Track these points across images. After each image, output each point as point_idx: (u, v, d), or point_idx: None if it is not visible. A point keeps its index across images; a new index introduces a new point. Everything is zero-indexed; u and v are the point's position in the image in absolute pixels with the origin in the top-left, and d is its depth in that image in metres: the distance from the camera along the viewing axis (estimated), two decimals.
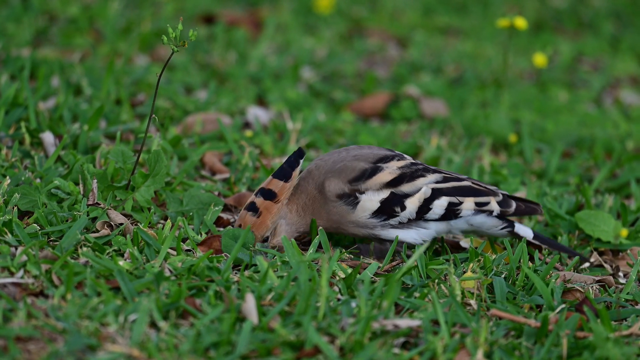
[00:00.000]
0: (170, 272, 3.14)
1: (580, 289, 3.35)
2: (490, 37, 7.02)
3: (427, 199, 3.45)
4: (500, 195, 3.53)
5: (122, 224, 3.40)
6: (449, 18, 7.43)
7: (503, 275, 3.35)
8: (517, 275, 3.36)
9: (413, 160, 3.51)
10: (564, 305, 3.15)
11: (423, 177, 3.47)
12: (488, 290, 3.27)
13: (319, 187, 3.42)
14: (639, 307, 3.33)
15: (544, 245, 3.62)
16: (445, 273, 3.26)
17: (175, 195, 3.64)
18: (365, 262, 3.44)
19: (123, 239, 3.28)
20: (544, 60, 5.23)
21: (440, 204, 3.46)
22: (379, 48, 6.44)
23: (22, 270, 3.03)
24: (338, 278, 3.20)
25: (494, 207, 3.51)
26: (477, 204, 3.49)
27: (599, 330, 2.91)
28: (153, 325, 2.90)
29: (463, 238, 3.72)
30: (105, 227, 3.41)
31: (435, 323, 3.01)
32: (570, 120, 5.36)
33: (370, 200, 3.42)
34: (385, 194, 3.43)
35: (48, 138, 3.94)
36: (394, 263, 3.42)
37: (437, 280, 3.23)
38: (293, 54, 5.90)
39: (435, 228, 3.49)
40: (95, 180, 3.55)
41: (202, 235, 3.48)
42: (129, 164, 3.61)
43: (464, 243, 3.70)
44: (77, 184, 3.60)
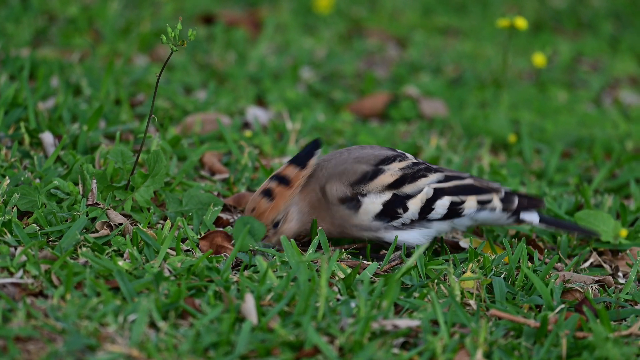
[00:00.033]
0: (170, 272, 3.14)
1: (580, 289, 3.35)
2: (490, 37, 7.02)
3: (429, 200, 3.45)
4: (503, 192, 3.53)
5: (121, 224, 3.40)
6: (449, 18, 7.43)
7: (502, 276, 3.35)
8: (516, 276, 3.36)
9: (415, 160, 3.51)
10: (564, 306, 3.15)
11: (425, 177, 3.47)
12: (487, 291, 3.27)
13: (322, 190, 3.42)
14: (639, 307, 3.33)
15: (551, 228, 3.62)
16: (445, 273, 3.26)
17: (175, 196, 3.64)
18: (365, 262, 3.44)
19: (122, 239, 3.28)
20: (544, 61, 5.23)
21: (443, 204, 3.46)
22: (379, 48, 6.44)
23: (21, 271, 3.03)
24: (337, 278, 3.20)
25: (497, 204, 3.51)
26: (479, 202, 3.49)
27: (599, 331, 2.91)
28: (152, 326, 2.90)
29: (463, 238, 3.72)
30: (105, 227, 3.41)
31: (435, 323, 3.01)
32: (570, 121, 5.36)
33: (373, 203, 3.42)
34: (388, 196, 3.43)
35: (47, 138, 3.94)
36: (394, 263, 3.42)
37: (436, 281, 3.23)
38: (292, 54, 5.90)
39: (439, 227, 3.49)
40: (95, 181, 3.55)
41: (201, 236, 3.48)
42: (129, 164, 3.61)
43: (464, 243, 3.70)
44: (76, 184, 3.60)
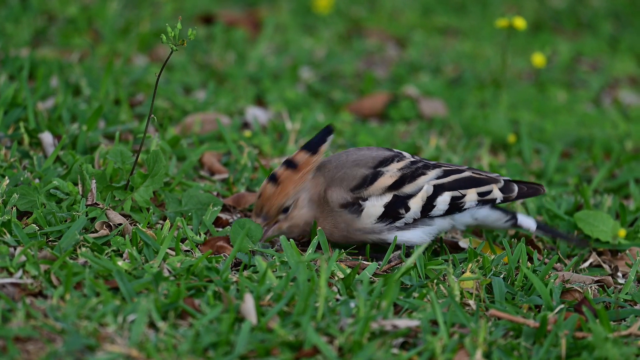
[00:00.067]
0: (169, 272, 3.14)
1: (579, 289, 3.35)
2: (489, 37, 7.02)
3: (429, 197, 3.45)
4: (502, 181, 3.53)
5: (121, 224, 3.40)
6: (448, 18, 7.42)
7: (502, 276, 3.35)
8: (516, 276, 3.36)
9: (412, 158, 3.51)
10: (563, 306, 3.15)
11: (424, 175, 3.47)
12: (487, 291, 3.27)
13: (324, 195, 3.42)
14: (638, 307, 3.33)
15: (548, 235, 3.63)
16: (444, 273, 3.26)
17: (174, 196, 3.64)
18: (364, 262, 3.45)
19: (122, 239, 3.28)
20: (543, 61, 5.23)
21: (444, 200, 3.47)
22: (378, 48, 6.44)
23: (21, 271, 3.03)
24: (337, 278, 3.20)
25: (497, 194, 3.51)
26: (479, 194, 3.49)
27: (598, 331, 2.91)
28: (152, 326, 2.90)
29: (462, 238, 3.72)
30: (104, 227, 3.41)
31: (434, 323, 3.01)
32: (569, 121, 5.36)
33: (374, 206, 3.43)
34: (388, 198, 3.43)
35: (47, 138, 3.94)
36: (393, 263, 3.42)
37: (436, 281, 3.23)
38: (292, 54, 5.90)
39: (440, 224, 3.50)
40: (94, 181, 3.55)
41: (201, 236, 3.48)
42: (128, 164, 3.61)
43: (463, 243, 3.70)
44: (76, 184, 3.60)
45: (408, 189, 3.45)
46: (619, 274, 3.68)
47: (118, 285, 2.99)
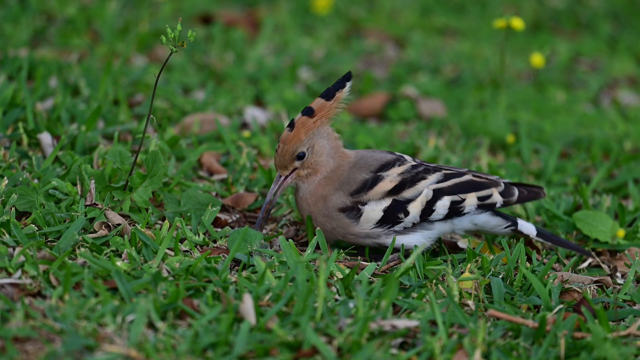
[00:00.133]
0: (168, 272, 3.14)
1: (578, 290, 3.35)
2: (488, 37, 7.02)
3: (429, 201, 3.45)
4: (502, 185, 3.52)
5: (119, 225, 3.40)
6: (447, 18, 7.43)
7: (501, 276, 3.35)
8: (514, 276, 3.36)
9: (414, 162, 3.50)
10: (562, 306, 3.15)
11: (424, 179, 3.46)
12: (486, 291, 3.27)
13: (323, 197, 3.42)
14: (637, 307, 3.33)
15: (548, 242, 3.62)
16: (443, 274, 3.26)
17: (173, 196, 3.64)
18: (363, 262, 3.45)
19: (121, 240, 3.28)
20: (542, 61, 5.23)
21: (443, 204, 3.46)
22: (377, 48, 6.44)
23: (19, 271, 3.03)
24: (336, 278, 3.20)
25: (497, 198, 3.50)
26: (479, 198, 3.49)
27: (597, 331, 2.91)
28: (151, 326, 2.90)
29: (461, 238, 3.72)
30: (103, 227, 3.41)
31: (433, 323, 3.01)
32: (568, 121, 5.36)
33: (373, 211, 3.42)
34: (388, 202, 3.43)
35: (46, 139, 3.94)
36: (392, 263, 3.42)
37: (435, 281, 3.23)
38: (291, 55, 5.90)
39: (440, 228, 3.49)
40: (93, 181, 3.54)
41: (199, 236, 3.48)
42: (127, 165, 3.61)
43: (462, 244, 3.70)
44: (74, 185, 3.60)
45: (408, 194, 3.44)
46: (618, 274, 3.68)
47: (117, 286, 2.99)
